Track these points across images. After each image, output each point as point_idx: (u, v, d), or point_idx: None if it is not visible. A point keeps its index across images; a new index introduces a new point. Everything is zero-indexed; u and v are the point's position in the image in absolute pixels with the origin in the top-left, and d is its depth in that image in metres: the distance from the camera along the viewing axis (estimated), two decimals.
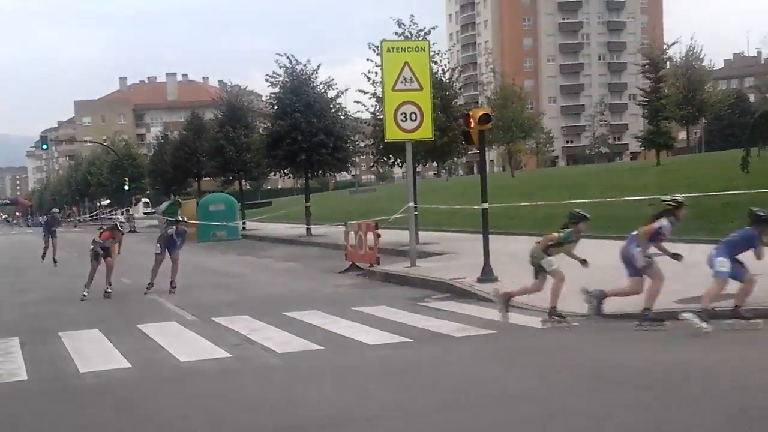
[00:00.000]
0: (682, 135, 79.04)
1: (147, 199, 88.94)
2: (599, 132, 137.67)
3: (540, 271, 12.30)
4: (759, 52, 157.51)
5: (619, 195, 25.90)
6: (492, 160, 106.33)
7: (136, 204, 76.59)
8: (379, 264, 20.68)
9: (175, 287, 18.38)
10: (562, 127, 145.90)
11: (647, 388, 8.20)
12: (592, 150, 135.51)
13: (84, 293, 17.83)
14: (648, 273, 11.37)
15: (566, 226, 12.40)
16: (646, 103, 56.76)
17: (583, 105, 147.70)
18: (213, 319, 14.10)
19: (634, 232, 11.55)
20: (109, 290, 18.02)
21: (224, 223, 38.68)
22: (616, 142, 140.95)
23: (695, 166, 42.96)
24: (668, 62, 59.66)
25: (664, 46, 62.08)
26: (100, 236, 18.69)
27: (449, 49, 38.74)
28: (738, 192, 21.25)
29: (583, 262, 12.30)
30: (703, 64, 62.33)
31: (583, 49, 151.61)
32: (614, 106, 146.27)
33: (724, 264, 11.01)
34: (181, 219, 19.51)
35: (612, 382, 8.58)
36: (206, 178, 56.82)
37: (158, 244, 18.91)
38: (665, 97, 55.56)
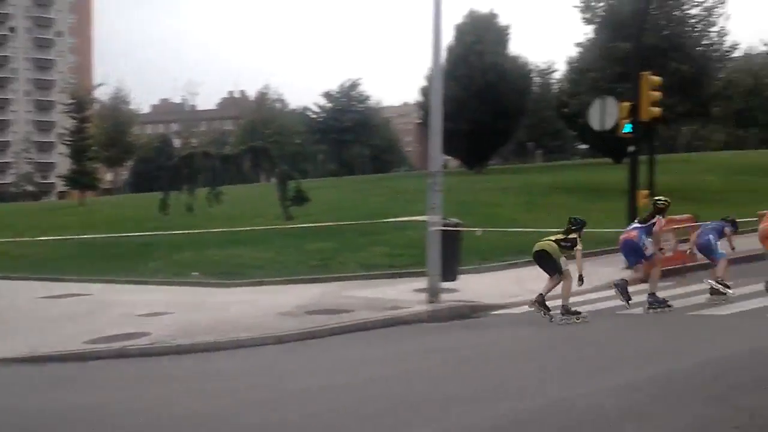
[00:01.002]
0: (111, 176, 79.85)
1: None
2: (25, 170, 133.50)
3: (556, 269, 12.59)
4: (184, 99, 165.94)
5: (40, 234, 25.44)
6: None
7: None
8: None
9: None
10: None
11: None
12: (18, 188, 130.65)
13: None
14: (652, 260, 13.08)
15: (569, 232, 12.68)
16: (71, 143, 56.53)
17: (9, 141, 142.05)
18: None
19: (636, 225, 13.26)
20: None
21: None
22: (43, 181, 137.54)
23: (119, 207, 43.65)
24: (95, 103, 60.21)
25: (91, 88, 62.63)
26: None
27: None
28: (156, 233, 21.98)
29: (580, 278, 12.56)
30: (130, 107, 64.16)
31: (11, 83, 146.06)
32: (41, 144, 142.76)
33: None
34: None
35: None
36: None
37: None
38: (91, 137, 55.94)
